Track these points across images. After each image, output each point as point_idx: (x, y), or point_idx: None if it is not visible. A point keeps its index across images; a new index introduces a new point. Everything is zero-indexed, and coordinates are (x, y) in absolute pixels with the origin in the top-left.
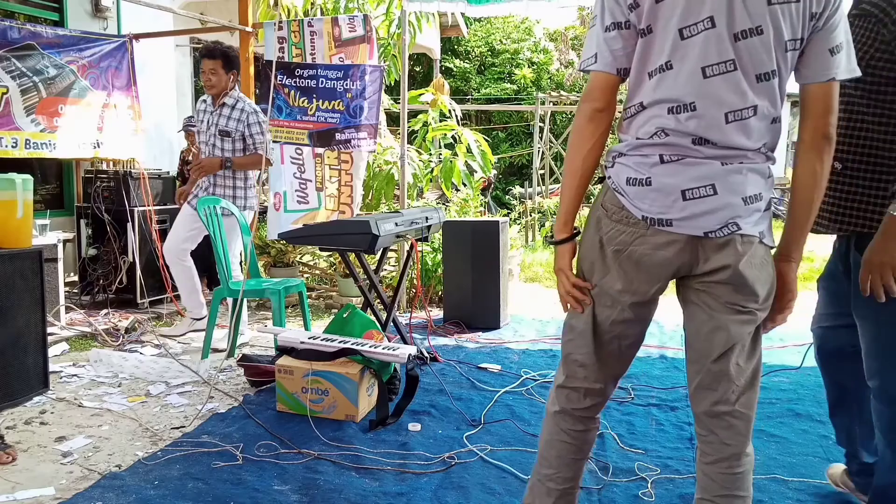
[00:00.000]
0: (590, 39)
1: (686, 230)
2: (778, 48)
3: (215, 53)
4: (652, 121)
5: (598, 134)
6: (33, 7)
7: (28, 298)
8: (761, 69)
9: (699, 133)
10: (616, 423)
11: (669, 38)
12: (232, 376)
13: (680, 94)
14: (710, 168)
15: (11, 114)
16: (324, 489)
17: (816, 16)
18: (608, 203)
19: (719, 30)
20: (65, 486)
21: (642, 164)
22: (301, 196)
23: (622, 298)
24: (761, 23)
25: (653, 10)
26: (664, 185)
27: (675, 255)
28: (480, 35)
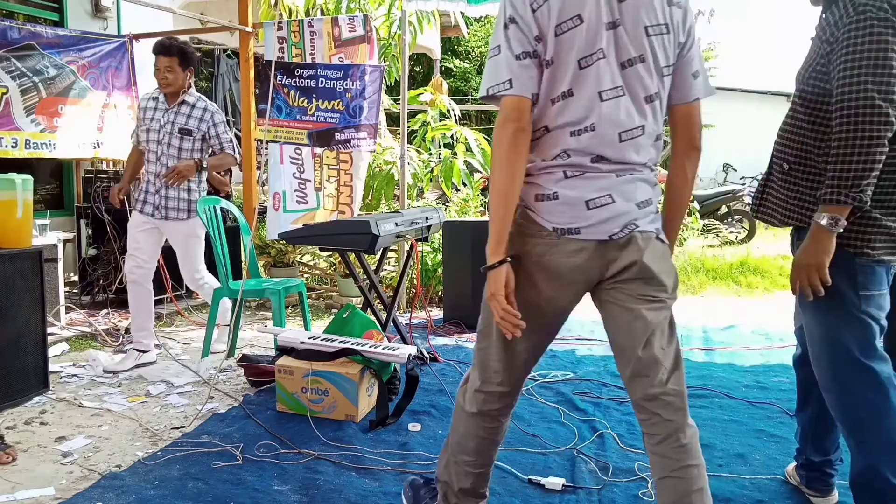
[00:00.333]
0: (497, 66)
1: (593, 236)
2: (657, 73)
3: (171, 50)
4: (556, 142)
5: (523, 154)
6: (33, 7)
7: (28, 298)
8: (646, 92)
9: (597, 151)
10: (616, 423)
11: (570, 69)
12: (232, 376)
13: (580, 117)
14: (608, 180)
15: (11, 114)
16: (324, 489)
17: (682, 45)
18: (521, 221)
19: (610, 59)
20: (65, 486)
21: (548, 181)
22: (300, 196)
23: (544, 307)
24: (643, 51)
25: (554, 44)
26: (569, 197)
27: (585, 261)
28: (480, 35)
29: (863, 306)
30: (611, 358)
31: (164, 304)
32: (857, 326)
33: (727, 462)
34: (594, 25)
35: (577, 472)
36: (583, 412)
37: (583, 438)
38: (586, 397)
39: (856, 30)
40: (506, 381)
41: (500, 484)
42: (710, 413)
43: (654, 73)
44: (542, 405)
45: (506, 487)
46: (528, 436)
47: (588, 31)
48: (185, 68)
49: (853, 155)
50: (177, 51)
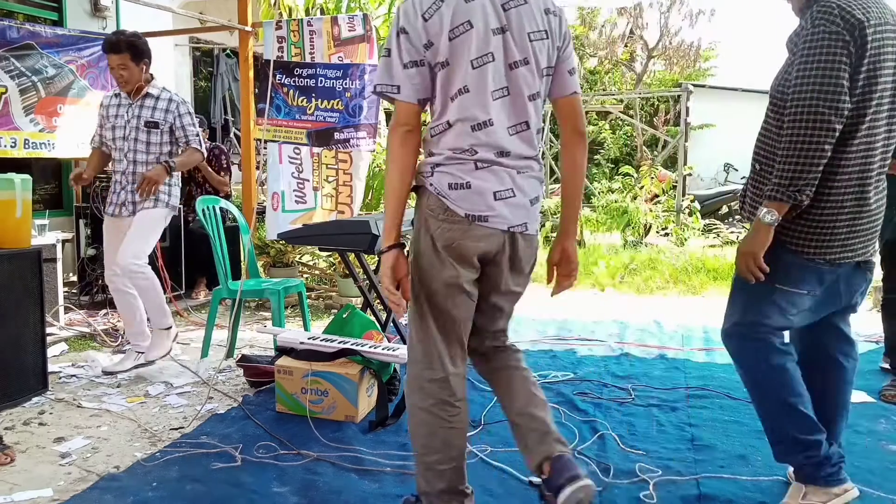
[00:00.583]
0: (388, 69)
1: (497, 225)
2: (539, 74)
3: (120, 46)
4: (462, 137)
5: (412, 152)
6: (32, 6)
7: (27, 299)
8: (529, 91)
9: (498, 146)
10: (617, 424)
11: (464, 69)
12: (231, 377)
13: (478, 113)
14: (510, 175)
15: (10, 114)
16: (323, 490)
17: (559, 48)
18: (433, 206)
19: (498, 62)
20: (63, 487)
21: (461, 170)
22: (299, 196)
23: (459, 281)
24: (527, 55)
25: (448, 47)
26: (480, 187)
27: (487, 246)
28: None
29: (774, 296)
30: (611, 358)
31: None
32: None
33: (729, 463)
34: (483, 31)
35: None
36: (583, 413)
37: (583, 439)
38: (587, 398)
39: (810, 43)
40: (450, 362)
41: (500, 485)
42: (711, 413)
43: (536, 74)
44: None
45: (506, 489)
46: None
47: (478, 36)
48: (139, 62)
49: (796, 157)
50: (126, 46)
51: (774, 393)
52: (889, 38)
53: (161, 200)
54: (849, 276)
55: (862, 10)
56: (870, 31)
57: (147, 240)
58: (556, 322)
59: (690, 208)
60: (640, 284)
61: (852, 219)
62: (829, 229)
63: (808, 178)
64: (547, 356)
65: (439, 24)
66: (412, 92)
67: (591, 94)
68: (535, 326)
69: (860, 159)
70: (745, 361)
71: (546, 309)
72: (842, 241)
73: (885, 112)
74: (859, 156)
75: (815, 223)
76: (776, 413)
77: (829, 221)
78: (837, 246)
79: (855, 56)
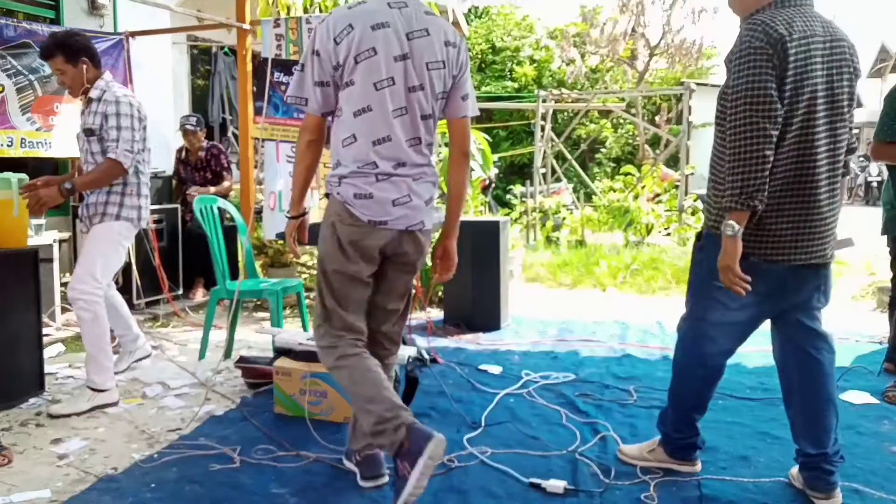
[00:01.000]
0: (301, 82)
1: (396, 226)
2: (433, 98)
3: (51, 51)
4: (365, 150)
5: (315, 154)
6: (29, 5)
7: (23, 299)
8: (423, 112)
9: (396, 158)
10: (618, 425)
11: (367, 90)
12: (229, 378)
13: (379, 129)
14: (407, 183)
15: (7, 112)
16: (322, 492)
17: (455, 76)
18: (341, 213)
19: (398, 86)
20: (61, 488)
21: (364, 182)
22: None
23: (360, 275)
24: (423, 81)
25: (354, 69)
26: (381, 198)
27: (386, 243)
28: (481, 32)
29: (715, 293)
30: (613, 359)
31: (161, 305)
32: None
33: (731, 464)
34: (385, 57)
35: (579, 474)
36: (584, 414)
37: (584, 441)
38: (588, 399)
39: (739, 58)
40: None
41: (501, 486)
42: (713, 415)
43: (430, 98)
44: (543, 407)
45: (507, 490)
46: (530, 438)
47: (381, 62)
48: (76, 62)
49: (742, 166)
50: (56, 48)
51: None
52: (817, 49)
53: (109, 214)
54: (797, 275)
55: (785, 25)
56: (792, 44)
57: (94, 260)
58: (557, 323)
59: (693, 208)
60: (642, 285)
61: (797, 222)
62: (770, 231)
63: (756, 184)
64: (548, 357)
65: (347, 49)
66: (317, 106)
67: (593, 93)
68: (537, 327)
69: (794, 163)
70: (678, 356)
71: (547, 310)
72: (788, 244)
73: (823, 119)
74: (791, 160)
75: (755, 225)
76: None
77: (773, 223)
78: (785, 248)
79: (779, 68)
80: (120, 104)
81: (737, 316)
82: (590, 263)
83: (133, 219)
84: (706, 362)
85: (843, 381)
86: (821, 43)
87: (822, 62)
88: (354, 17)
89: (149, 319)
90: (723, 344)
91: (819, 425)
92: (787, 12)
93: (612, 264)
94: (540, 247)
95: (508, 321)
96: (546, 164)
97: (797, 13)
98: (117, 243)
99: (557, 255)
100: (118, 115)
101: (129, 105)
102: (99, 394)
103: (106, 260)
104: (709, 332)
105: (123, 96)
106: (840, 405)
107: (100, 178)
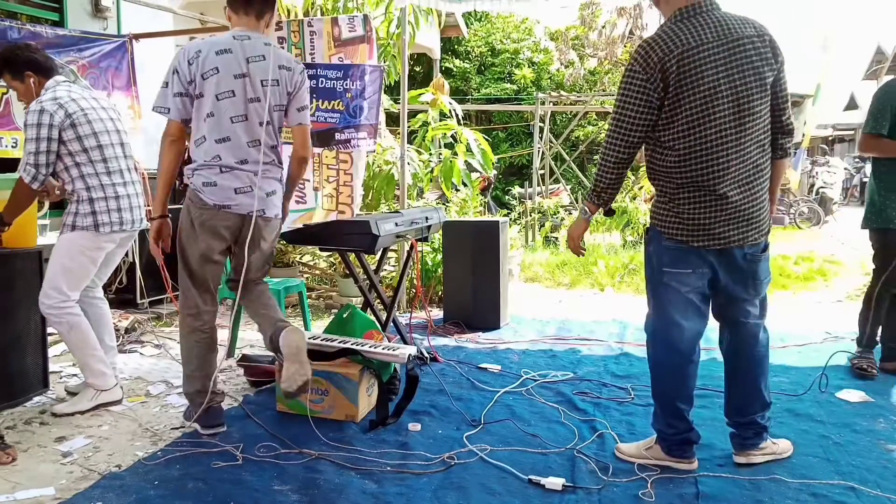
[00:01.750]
0: (164, 95)
1: (238, 211)
2: (269, 109)
3: None
4: (212, 148)
5: (177, 154)
6: (33, 7)
7: (28, 299)
8: (260, 119)
9: (238, 156)
10: (616, 423)
11: (212, 100)
12: (232, 376)
13: (221, 131)
14: (249, 176)
15: (12, 114)
16: (324, 489)
17: (290, 93)
18: (193, 198)
19: (238, 97)
20: (65, 486)
21: (210, 174)
22: (299, 196)
23: (211, 253)
24: (259, 95)
25: (202, 84)
26: (224, 185)
27: (232, 225)
28: (480, 35)
29: (664, 279)
30: (611, 358)
31: (164, 304)
32: (664, 293)
33: (727, 462)
34: (226, 75)
35: (578, 472)
36: (583, 412)
37: (583, 438)
38: (586, 397)
39: (622, 80)
40: (203, 302)
41: (500, 484)
42: (710, 413)
43: (266, 109)
44: (542, 405)
45: (506, 487)
46: (528, 436)
47: (222, 78)
48: (21, 77)
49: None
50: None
51: (665, 386)
52: (706, 56)
53: (67, 224)
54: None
55: (669, 42)
56: (673, 60)
57: (56, 273)
58: (555, 322)
59: None
60: (640, 284)
61: (710, 211)
62: (689, 219)
63: (603, 186)
64: (547, 356)
65: (197, 68)
66: (177, 114)
67: (591, 95)
68: (535, 326)
69: (696, 160)
70: (652, 353)
71: (546, 309)
72: (706, 230)
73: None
74: (693, 157)
75: (676, 214)
76: (658, 396)
77: (687, 212)
78: (702, 234)
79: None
80: (29, 114)
81: (688, 295)
82: (588, 263)
83: (88, 226)
84: (678, 347)
85: (839, 379)
86: (713, 49)
87: (714, 66)
88: (203, 45)
89: (152, 318)
90: (687, 326)
91: (741, 396)
92: (679, 26)
93: (610, 264)
94: (538, 247)
95: (507, 320)
96: (544, 165)
97: (689, 25)
98: (78, 254)
99: (556, 255)
100: (26, 126)
101: (38, 112)
102: (102, 392)
103: (67, 272)
104: (672, 316)
105: (36, 104)
106: (836, 403)
107: (14, 202)
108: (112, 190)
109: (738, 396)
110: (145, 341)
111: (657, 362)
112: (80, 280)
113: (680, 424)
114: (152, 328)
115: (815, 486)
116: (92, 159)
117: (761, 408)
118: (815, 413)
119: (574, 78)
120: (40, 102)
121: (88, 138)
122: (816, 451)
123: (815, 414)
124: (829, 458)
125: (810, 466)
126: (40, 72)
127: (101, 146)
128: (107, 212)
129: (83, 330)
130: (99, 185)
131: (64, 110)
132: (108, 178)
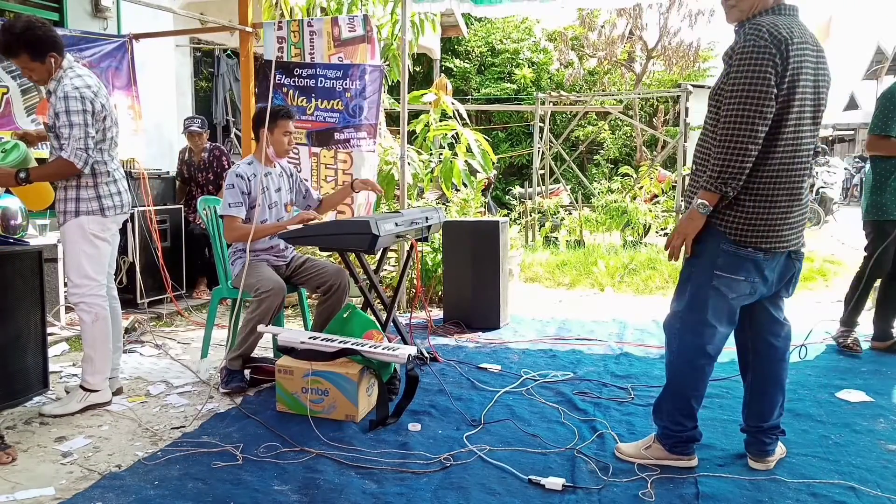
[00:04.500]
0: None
1: None
2: None
3: (12, 49)
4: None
5: None
6: (33, 7)
7: (28, 298)
8: None
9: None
10: (616, 423)
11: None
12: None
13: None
14: None
15: (12, 114)
16: (324, 489)
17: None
18: None
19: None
20: (65, 486)
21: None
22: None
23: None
24: None
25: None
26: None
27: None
28: (480, 35)
29: (714, 282)
30: (611, 357)
31: (164, 304)
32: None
33: (727, 462)
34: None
35: (578, 472)
36: (583, 412)
37: (583, 438)
38: (586, 397)
39: (742, 56)
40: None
41: (500, 484)
42: (710, 413)
43: None
44: (542, 405)
45: (506, 487)
46: (528, 436)
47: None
48: (44, 57)
49: (725, 155)
50: (22, 46)
51: (683, 384)
52: (809, 55)
53: (69, 212)
54: (780, 264)
55: (787, 30)
56: (793, 47)
57: (79, 261)
58: (555, 322)
59: None
60: (640, 284)
61: (786, 212)
62: (763, 221)
63: (733, 173)
64: (546, 356)
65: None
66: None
67: (591, 95)
68: (535, 326)
69: (788, 157)
70: (676, 349)
71: (546, 309)
72: (777, 233)
73: (809, 118)
74: (787, 154)
75: (751, 215)
76: (673, 393)
77: (763, 213)
78: (773, 237)
79: (780, 67)
80: (69, 100)
81: (732, 301)
82: (588, 263)
83: (95, 210)
84: (707, 349)
85: (838, 379)
86: (812, 51)
87: (812, 69)
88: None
89: (152, 318)
90: (721, 330)
91: (764, 402)
92: (785, 19)
93: (610, 264)
94: (539, 247)
95: (507, 320)
96: (545, 165)
97: (793, 21)
98: (90, 238)
99: (556, 255)
100: (68, 112)
101: (79, 99)
102: (91, 394)
103: (88, 257)
104: (709, 318)
105: (73, 90)
106: (836, 403)
107: (50, 174)
108: (114, 175)
109: (760, 401)
110: (145, 341)
111: (682, 360)
112: (101, 263)
113: (688, 422)
114: (152, 328)
115: (815, 486)
116: (102, 147)
117: (780, 410)
118: (815, 413)
119: (574, 78)
120: (77, 89)
121: (105, 125)
122: (816, 451)
123: (815, 414)
124: (829, 458)
125: (810, 466)
126: (61, 51)
127: (109, 132)
128: (110, 195)
129: (106, 326)
130: (105, 171)
131: (99, 99)
132: (113, 163)
